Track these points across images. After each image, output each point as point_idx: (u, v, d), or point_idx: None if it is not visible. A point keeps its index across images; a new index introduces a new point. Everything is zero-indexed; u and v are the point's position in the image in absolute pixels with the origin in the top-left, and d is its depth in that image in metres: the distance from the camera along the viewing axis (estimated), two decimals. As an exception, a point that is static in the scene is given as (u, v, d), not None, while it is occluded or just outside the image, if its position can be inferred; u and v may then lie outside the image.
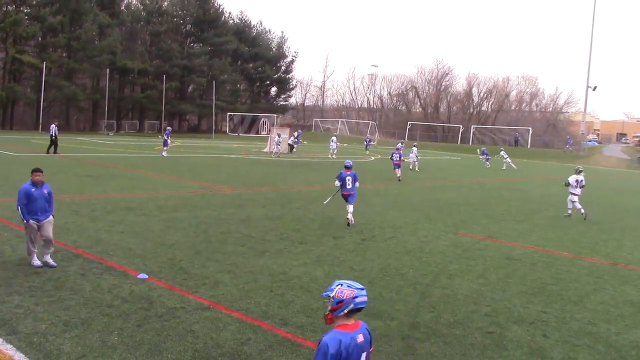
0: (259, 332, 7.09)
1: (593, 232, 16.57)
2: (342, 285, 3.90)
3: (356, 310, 3.86)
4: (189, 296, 8.26)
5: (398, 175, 28.23)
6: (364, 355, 3.82)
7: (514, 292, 9.54)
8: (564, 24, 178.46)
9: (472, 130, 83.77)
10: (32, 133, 55.69)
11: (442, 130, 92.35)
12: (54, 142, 32.38)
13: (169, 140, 36.56)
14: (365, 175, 28.92)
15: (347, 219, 14.96)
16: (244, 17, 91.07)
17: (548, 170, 47.05)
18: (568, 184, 19.83)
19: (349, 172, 15.57)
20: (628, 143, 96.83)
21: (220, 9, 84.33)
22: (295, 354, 6.52)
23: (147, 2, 77.59)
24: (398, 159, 28.62)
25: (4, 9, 62.70)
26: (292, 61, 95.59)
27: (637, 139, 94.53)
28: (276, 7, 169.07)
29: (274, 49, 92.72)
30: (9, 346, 6.23)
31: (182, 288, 8.62)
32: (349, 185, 15.36)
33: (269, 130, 59.97)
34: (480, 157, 46.27)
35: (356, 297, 3.85)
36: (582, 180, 19.99)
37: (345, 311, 3.85)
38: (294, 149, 46.32)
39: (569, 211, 19.40)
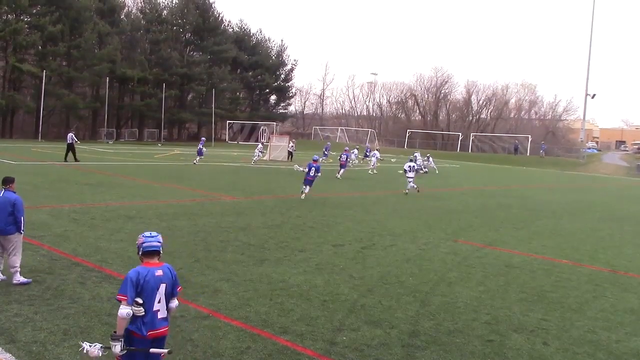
0: (258, 340, 7.08)
1: (593, 239, 16.56)
2: (140, 236, 5.22)
3: (149, 252, 5.12)
4: (188, 305, 8.24)
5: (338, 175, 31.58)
6: (162, 285, 5.05)
7: (514, 300, 9.53)
8: (562, 32, 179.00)
9: (471, 138, 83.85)
10: (32, 141, 55.69)
11: (441, 138, 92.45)
12: (70, 149, 32.67)
13: (203, 149, 37.23)
14: (363, 183, 28.94)
15: (304, 193, 21.40)
16: (244, 26, 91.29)
17: (547, 177, 47.05)
18: (405, 171, 25.23)
19: (314, 164, 22.08)
20: (627, 150, 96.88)
21: (220, 17, 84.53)
22: (295, 362, 6.50)
23: (147, 10, 77.77)
24: (345, 159, 32.91)
25: (4, 17, 62.84)
26: (292, 69, 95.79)
27: (636, 147, 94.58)
28: (276, 15, 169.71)
29: (273, 57, 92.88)
30: (8, 355, 6.21)
31: (181, 296, 8.58)
32: (312, 173, 21.88)
33: (269, 138, 59.99)
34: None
35: (143, 242, 5.14)
36: (413, 166, 25.62)
37: (140, 253, 5.15)
38: (293, 156, 46.34)
39: (406, 190, 24.63)
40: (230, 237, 13.30)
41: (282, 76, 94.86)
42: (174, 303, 5.27)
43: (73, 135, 33.25)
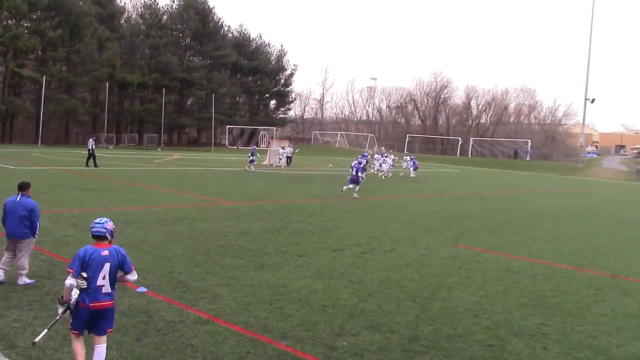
0: (258, 345, 7.06)
1: (593, 244, 16.56)
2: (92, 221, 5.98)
3: (96, 236, 5.86)
4: (188, 310, 8.23)
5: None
6: (107, 264, 5.74)
7: (514, 305, 9.52)
8: (562, 37, 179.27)
9: (471, 143, 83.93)
10: (32, 146, 55.73)
11: (441, 143, 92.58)
12: (91, 155, 33.01)
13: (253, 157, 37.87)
14: (363, 187, 28.95)
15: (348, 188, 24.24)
16: (243, 31, 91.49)
17: (546, 182, 47.07)
18: (351, 167, 25.99)
19: (358, 165, 25.19)
20: (626, 155, 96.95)
21: (220, 23, 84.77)
22: (295, 367, 6.49)
23: (147, 15, 77.98)
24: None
25: (4, 23, 62.99)
26: (291, 74, 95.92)
27: (636, 151, 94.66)
28: (275, 20, 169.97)
29: (273, 62, 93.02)
30: (7, 360, 6.20)
31: (181, 301, 8.59)
32: (353, 172, 24.85)
33: (268, 143, 60.02)
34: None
35: (92, 227, 5.89)
36: (359, 162, 26.34)
37: (92, 236, 5.89)
38: (291, 162, 46.35)
39: (345, 187, 25.35)
40: (230, 242, 13.29)
41: (282, 81, 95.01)
42: (133, 277, 6.06)
43: (93, 142, 33.61)
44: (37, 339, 5.85)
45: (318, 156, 61.40)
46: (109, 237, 5.89)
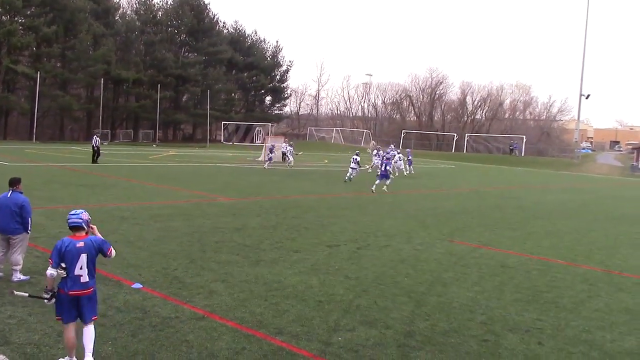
0: (253, 341, 7.07)
1: (587, 239, 16.60)
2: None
3: (72, 227, 6.18)
4: (184, 306, 8.23)
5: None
6: (83, 255, 6.04)
7: (509, 300, 9.54)
8: (557, 33, 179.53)
9: (466, 139, 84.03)
10: (26, 143, 55.55)
11: (436, 139, 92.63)
12: (96, 152, 33.28)
13: (272, 155, 38.36)
14: (359, 183, 28.96)
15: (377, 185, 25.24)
16: (239, 27, 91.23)
17: (541, 178, 47.16)
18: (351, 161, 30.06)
19: (386, 161, 26.44)
20: (621, 151, 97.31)
21: (215, 19, 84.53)
22: (290, 363, 6.50)
23: (142, 12, 77.70)
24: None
25: (-2, 19, 62.72)
26: (287, 70, 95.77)
27: (630, 147, 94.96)
28: (271, 16, 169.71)
29: (268, 58, 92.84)
30: (2, 357, 6.19)
31: (176, 297, 8.59)
32: (382, 167, 26.05)
33: (264, 139, 59.97)
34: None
35: (68, 219, 6.21)
36: (356, 158, 30.49)
37: (69, 227, 6.19)
38: (286, 158, 46.28)
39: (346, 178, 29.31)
40: (225, 238, 13.28)
41: (277, 77, 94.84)
42: (112, 255, 6.40)
43: (98, 139, 33.58)
44: (16, 292, 6.67)
45: (314, 152, 61.32)
46: (85, 227, 6.22)
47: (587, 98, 69.97)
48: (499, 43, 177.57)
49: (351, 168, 30.46)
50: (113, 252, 6.40)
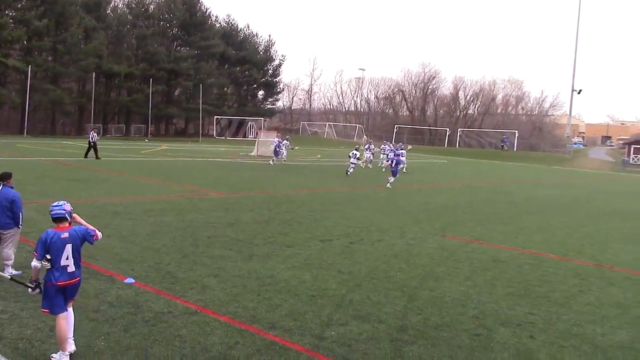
0: (246, 336, 7.07)
1: (579, 234, 16.69)
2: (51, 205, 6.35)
3: (56, 219, 6.27)
4: (176, 300, 8.22)
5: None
6: (69, 246, 6.16)
7: (501, 294, 9.59)
8: (549, 28, 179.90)
9: (458, 134, 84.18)
10: (18, 137, 55.22)
11: (429, 134, 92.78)
12: (92, 147, 32.74)
13: (283, 151, 38.24)
14: (352, 179, 29.00)
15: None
16: (231, 21, 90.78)
17: (533, 173, 47.34)
18: (349, 156, 31.88)
19: (396, 158, 27.83)
20: (613, 146, 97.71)
21: (207, 13, 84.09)
22: (284, 357, 6.51)
23: (133, 5, 77.23)
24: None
25: (-11, 12, 62.23)
26: (279, 65, 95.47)
27: (622, 142, 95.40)
28: (263, 10, 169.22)
29: (261, 53, 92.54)
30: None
31: (169, 292, 8.58)
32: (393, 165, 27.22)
33: (256, 133, 59.87)
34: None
35: (51, 211, 6.29)
36: (356, 153, 32.03)
37: (52, 219, 6.28)
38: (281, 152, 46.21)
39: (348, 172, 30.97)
40: (218, 233, 13.27)
41: (270, 71, 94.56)
42: (98, 238, 6.53)
43: (94, 134, 33.38)
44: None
45: (306, 147, 61.26)
46: (68, 218, 6.33)
47: (579, 93, 70.17)
48: (492, 38, 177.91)
49: (351, 163, 31.81)
50: (99, 234, 6.53)
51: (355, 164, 31.92)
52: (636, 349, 7.50)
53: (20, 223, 9.20)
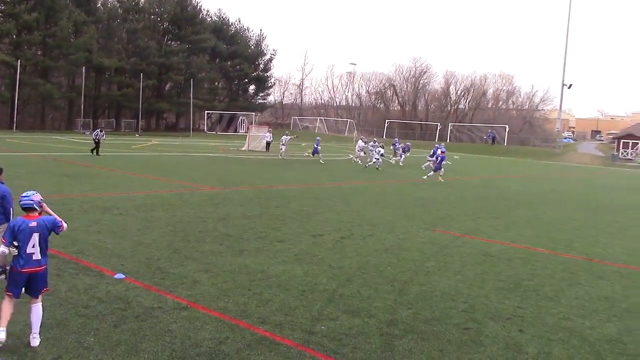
0: (237, 331, 7.07)
1: (569, 228, 16.78)
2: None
3: (25, 208, 6.40)
4: (167, 296, 8.21)
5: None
6: (36, 234, 6.32)
7: (491, 288, 9.63)
8: (540, 23, 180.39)
9: (449, 128, 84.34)
10: (7, 132, 54.88)
11: (420, 128, 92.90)
12: (97, 144, 32.60)
13: (319, 148, 38.68)
14: (343, 173, 29.02)
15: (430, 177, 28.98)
16: (222, 15, 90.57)
17: (524, 167, 47.52)
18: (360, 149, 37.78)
19: (442, 155, 30.35)
20: (602, 140, 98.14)
21: (198, 7, 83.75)
22: (274, 352, 6.52)
23: (124, -1, 76.88)
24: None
25: (-23, 6, 61.72)
26: (271, 59, 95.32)
27: (611, 137, 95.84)
28: (254, 5, 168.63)
29: (252, 47, 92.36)
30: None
31: (159, 288, 8.57)
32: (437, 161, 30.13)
33: (247, 128, 59.77)
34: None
35: (20, 201, 6.41)
36: (362, 145, 38.48)
37: (22, 208, 6.41)
38: (270, 147, 46.23)
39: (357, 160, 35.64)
40: (208, 228, 13.25)
41: (261, 66, 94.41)
42: (63, 229, 6.69)
43: (99, 132, 33.24)
44: None
45: (297, 142, 61.14)
46: (37, 208, 6.48)
47: (569, 88, 70.59)
48: (483, 33, 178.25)
49: (375, 158, 34.60)
50: (65, 225, 6.69)
51: (378, 159, 34.37)
52: (624, 341, 7.56)
53: (11, 218, 9.14)
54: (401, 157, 40.50)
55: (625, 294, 9.86)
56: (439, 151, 31.86)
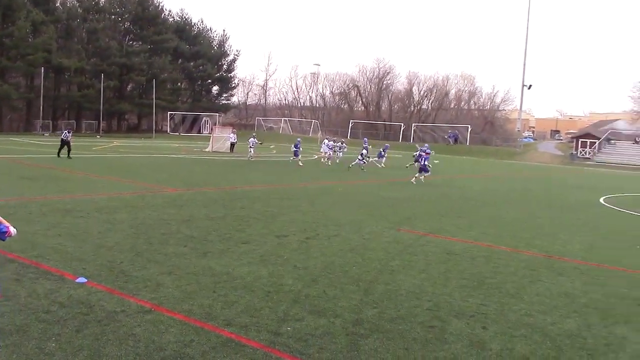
0: (202, 333, 7.01)
1: (530, 226, 17.08)
2: None
3: None
4: (130, 299, 8.09)
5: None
6: None
7: (455, 286, 9.73)
8: (500, 25, 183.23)
9: (413, 128, 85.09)
10: (-38, 134, 53.43)
11: (383, 128, 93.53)
12: (66, 144, 31.78)
13: (298, 151, 37.15)
14: (309, 174, 29.01)
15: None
16: (185, 15, 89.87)
17: (486, 167, 48.21)
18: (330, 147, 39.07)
19: (426, 155, 30.22)
20: (561, 140, 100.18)
21: (160, 7, 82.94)
22: (240, 354, 6.47)
23: (84, -2, 75.58)
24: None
25: None
26: (234, 60, 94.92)
27: (570, 136, 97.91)
28: (217, 5, 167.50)
29: (215, 48, 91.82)
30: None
31: (122, 291, 8.43)
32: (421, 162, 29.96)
33: (211, 129, 59.34)
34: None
35: None
36: (331, 144, 39.61)
37: None
38: (234, 149, 46.00)
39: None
40: (172, 230, 13.10)
41: (225, 66, 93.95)
42: (11, 235, 6.40)
43: (67, 133, 32.41)
44: None
45: (267, 144, 60.99)
46: None
47: (529, 88, 72.07)
48: (445, 34, 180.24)
49: (358, 159, 35.62)
50: (12, 230, 6.44)
51: (362, 160, 35.36)
52: (583, 336, 7.72)
53: None
54: (381, 158, 40.69)
55: (585, 290, 10.08)
56: (423, 153, 32.09)
